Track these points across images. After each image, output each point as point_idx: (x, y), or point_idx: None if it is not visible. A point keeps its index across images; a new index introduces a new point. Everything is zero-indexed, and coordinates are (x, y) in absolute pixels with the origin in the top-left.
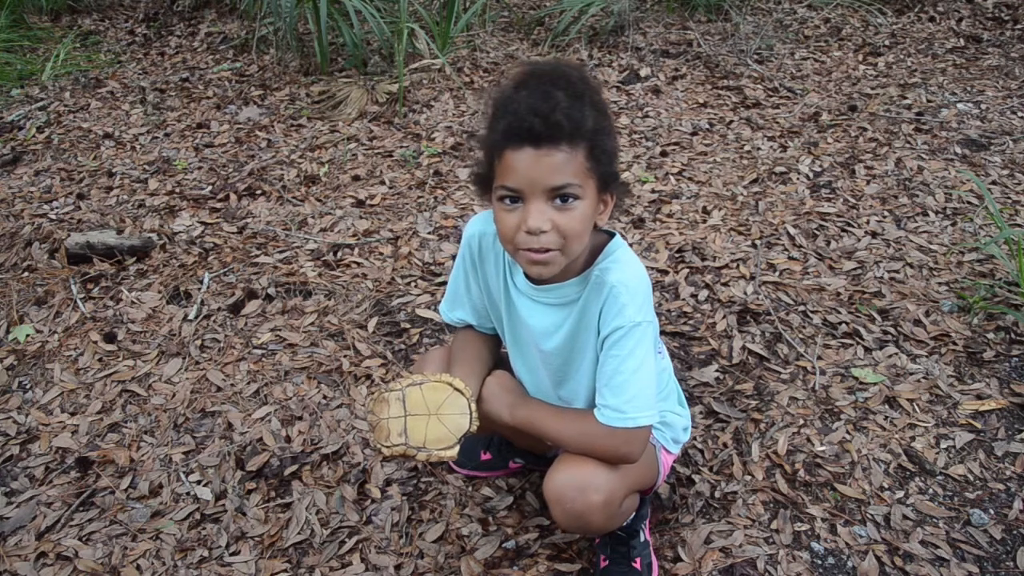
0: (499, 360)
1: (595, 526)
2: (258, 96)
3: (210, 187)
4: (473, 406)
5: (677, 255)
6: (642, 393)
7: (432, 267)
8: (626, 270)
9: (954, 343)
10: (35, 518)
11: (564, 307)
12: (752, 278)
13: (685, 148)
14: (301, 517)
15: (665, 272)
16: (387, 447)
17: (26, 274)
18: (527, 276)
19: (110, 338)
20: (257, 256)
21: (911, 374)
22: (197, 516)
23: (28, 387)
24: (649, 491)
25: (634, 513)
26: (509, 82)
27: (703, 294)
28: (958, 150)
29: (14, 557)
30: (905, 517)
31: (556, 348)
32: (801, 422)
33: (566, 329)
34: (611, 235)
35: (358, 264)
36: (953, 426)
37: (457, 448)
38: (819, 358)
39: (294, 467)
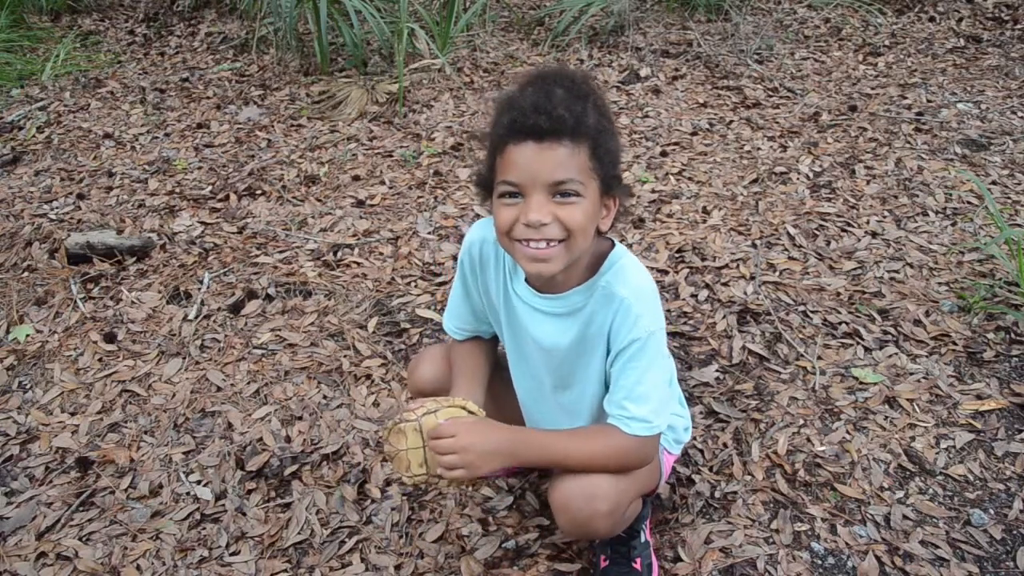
0: (499, 360)
1: (600, 533)
2: (258, 96)
3: (210, 187)
4: None
5: (677, 255)
6: (663, 400)
7: (432, 267)
8: (634, 279)
9: (954, 343)
10: (35, 518)
11: (567, 317)
12: (752, 278)
13: (685, 148)
14: (301, 517)
15: (665, 272)
16: (409, 477)
17: (26, 274)
18: (528, 281)
19: (110, 338)
20: (257, 256)
21: (911, 374)
22: (197, 516)
23: (28, 387)
24: (651, 493)
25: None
26: (513, 83)
27: (703, 294)
28: (958, 150)
29: (14, 557)
30: (905, 517)
31: (560, 355)
32: (801, 422)
33: (571, 338)
34: (613, 243)
35: (358, 264)
36: (953, 426)
37: None
38: (819, 358)
39: (294, 467)
